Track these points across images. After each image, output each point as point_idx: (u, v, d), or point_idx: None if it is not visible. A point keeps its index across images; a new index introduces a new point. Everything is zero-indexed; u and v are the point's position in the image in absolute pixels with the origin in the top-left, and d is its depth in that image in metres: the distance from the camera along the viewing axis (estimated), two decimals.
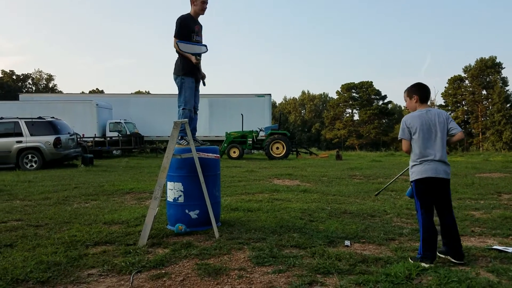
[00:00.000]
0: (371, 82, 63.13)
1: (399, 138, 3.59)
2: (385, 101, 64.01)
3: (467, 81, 55.49)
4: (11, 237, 4.43)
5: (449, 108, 56.02)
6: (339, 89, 65.20)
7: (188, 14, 4.99)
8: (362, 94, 62.92)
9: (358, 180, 9.69)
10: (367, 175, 10.61)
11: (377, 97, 63.61)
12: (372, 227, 4.75)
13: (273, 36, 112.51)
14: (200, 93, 5.32)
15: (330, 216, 5.39)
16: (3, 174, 11.39)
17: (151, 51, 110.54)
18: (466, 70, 55.11)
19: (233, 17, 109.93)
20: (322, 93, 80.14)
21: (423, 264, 3.29)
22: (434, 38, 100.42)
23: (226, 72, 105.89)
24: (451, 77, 56.00)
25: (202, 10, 4.97)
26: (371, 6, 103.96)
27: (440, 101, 57.04)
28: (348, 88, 63.80)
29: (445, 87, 56.54)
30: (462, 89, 55.11)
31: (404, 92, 3.74)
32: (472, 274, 3.11)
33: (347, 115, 65.89)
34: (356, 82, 63.46)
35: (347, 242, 4.10)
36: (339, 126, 62.61)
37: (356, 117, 65.36)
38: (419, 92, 3.62)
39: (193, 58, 4.89)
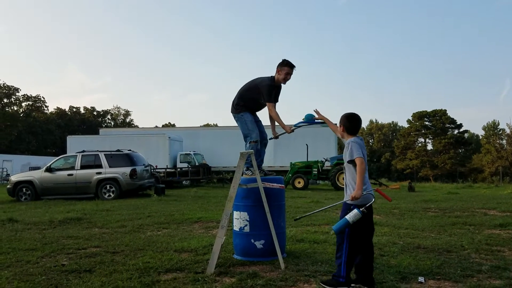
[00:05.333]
0: (445, 110, 60.08)
1: (356, 157, 3.45)
2: (461, 130, 60.50)
3: None
4: (90, 262, 4.71)
5: None
6: (410, 118, 62.78)
7: (272, 80, 5.00)
8: (436, 122, 59.92)
9: (433, 213, 9.15)
10: (442, 208, 9.99)
11: (452, 125, 60.21)
12: (448, 263, 4.45)
13: (339, 65, 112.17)
14: (264, 123, 5.40)
15: (402, 250, 5.13)
16: (84, 203, 12.20)
17: (221, 87, 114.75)
18: None
19: (299, 49, 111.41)
20: (391, 122, 77.78)
21: None
22: None
23: (291, 101, 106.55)
24: None
25: (284, 80, 4.98)
26: (442, 32, 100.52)
27: None
28: (420, 116, 61.13)
29: None
30: None
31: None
32: None
33: (420, 144, 62.88)
34: (429, 110, 60.79)
35: (421, 279, 3.88)
36: (411, 156, 59.72)
37: (429, 146, 62.20)
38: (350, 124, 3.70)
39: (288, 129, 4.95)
